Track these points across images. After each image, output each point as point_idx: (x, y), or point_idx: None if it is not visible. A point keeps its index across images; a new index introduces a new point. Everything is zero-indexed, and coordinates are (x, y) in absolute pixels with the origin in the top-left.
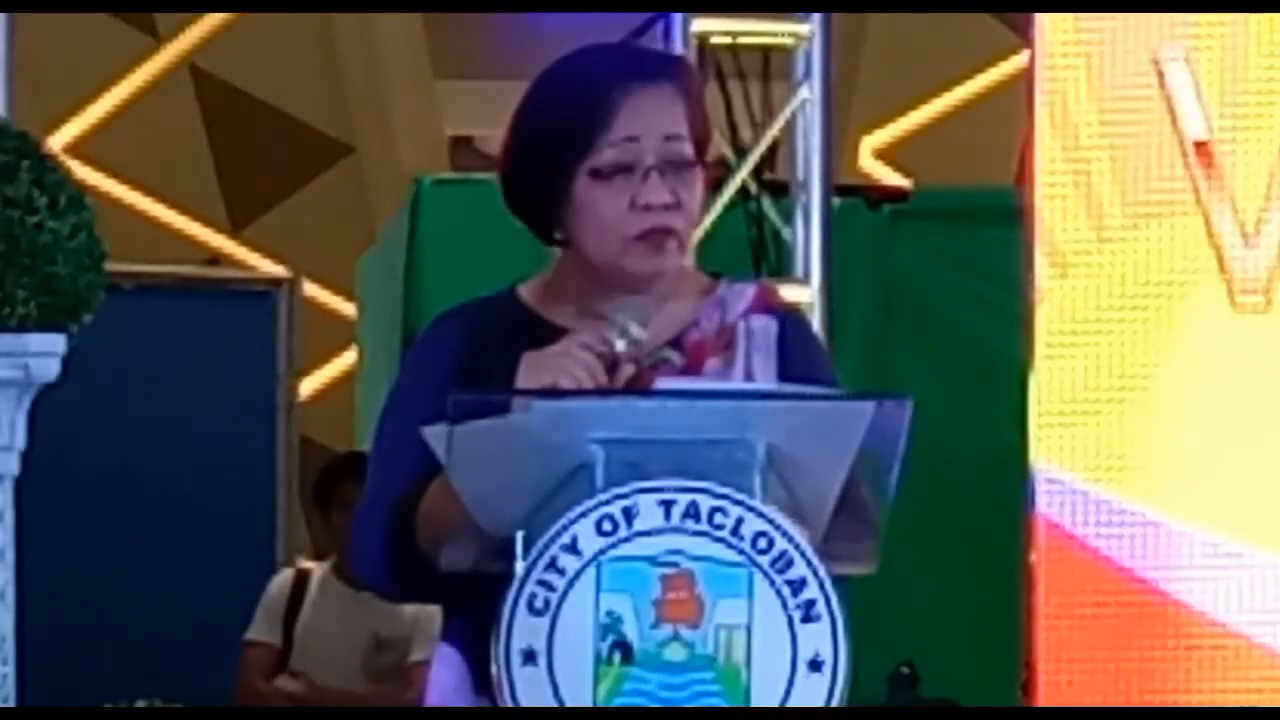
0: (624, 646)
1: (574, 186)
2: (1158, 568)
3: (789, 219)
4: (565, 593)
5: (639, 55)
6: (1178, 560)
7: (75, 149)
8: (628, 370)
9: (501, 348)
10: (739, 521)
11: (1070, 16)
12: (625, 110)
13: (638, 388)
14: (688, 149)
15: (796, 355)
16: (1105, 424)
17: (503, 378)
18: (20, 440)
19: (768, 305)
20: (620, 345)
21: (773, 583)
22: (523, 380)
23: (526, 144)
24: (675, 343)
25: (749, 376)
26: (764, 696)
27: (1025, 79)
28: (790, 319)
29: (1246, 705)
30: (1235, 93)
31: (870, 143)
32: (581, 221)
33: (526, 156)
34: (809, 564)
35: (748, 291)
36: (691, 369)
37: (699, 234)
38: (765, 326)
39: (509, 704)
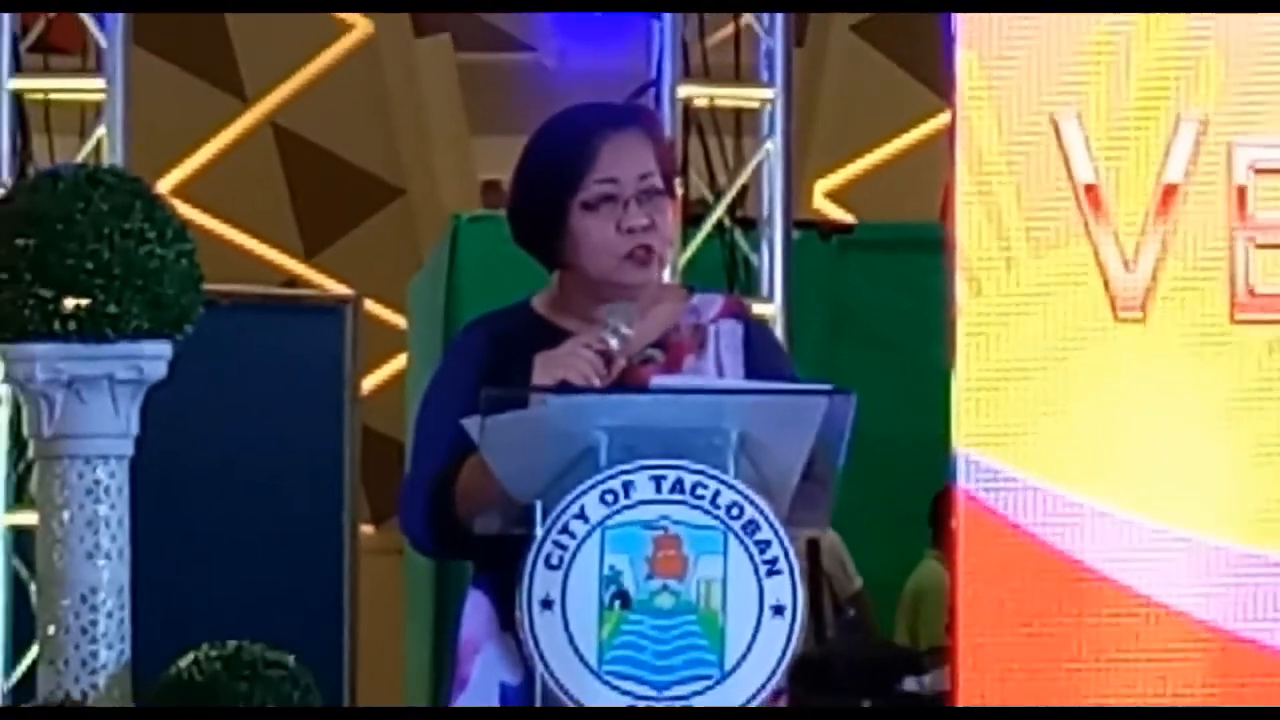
0: (623, 595)
1: (569, 218)
2: (1059, 533)
3: (756, 248)
4: (576, 552)
5: (614, 109)
6: (1076, 527)
7: (179, 191)
8: (620, 363)
9: (519, 349)
10: (716, 493)
11: (984, 82)
12: (605, 153)
13: (632, 382)
14: (658, 182)
15: (760, 353)
16: (1014, 414)
17: (521, 373)
18: (134, 428)
19: (735, 312)
20: (614, 343)
21: (743, 543)
22: (538, 375)
23: (529, 186)
24: (659, 344)
25: (719, 369)
26: (737, 636)
27: (948, 134)
28: (754, 324)
29: (1134, 657)
30: (1118, 143)
31: (822, 185)
32: (577, 246)
33: (529, 196)
34: (773, 527)
35: (718, 300)
36: (672, 365)
37: (684, 259)
38: (732, 329)
39: (530, 642)
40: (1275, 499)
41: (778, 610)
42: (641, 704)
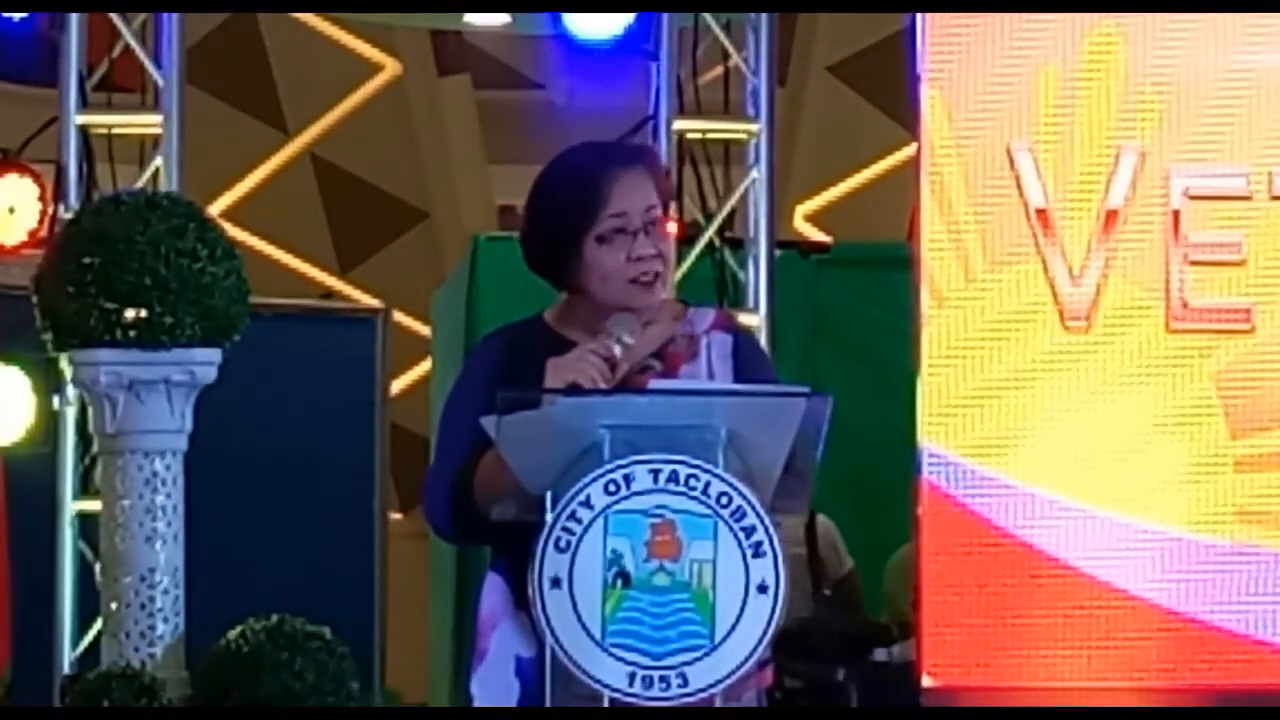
0: (624, 575)
1: (583, 249)
2: (1011, 519)
3: (743, 265)
4: (582, 536)
5: (619, 148)
6: (1027, 513)
7: (228, 214)
8: (624, 368)
9: (531, 357)
10: (707, 484)
11: (946, 117)
12: (615, 191)
13: (631, 385)
14: (660, 213)
15: (748, 361)
16: (973, 414)
17: (533, 378)
18: (188, 425)
19: (725, 325)
20: (617, 350)
21: (731, 529)
22: (549, 379)
23: (543, 219)
24: (657, 354)
25: (711, 376)
26: (726, 611)
27: (914, 163)
28: (742, 335)
29: (1080, 624)
30: (1066, 175)
31: (802, 209)
32: (591, 274)
33: (544, 229)
34: (758, 515)
35: (710, 314)
36: (669, 373)
37: (679, 275)
38: (723, 340)
39: (542, 618)
40: (1167, 478)
41: (762, 588)
42: (641, 672)
